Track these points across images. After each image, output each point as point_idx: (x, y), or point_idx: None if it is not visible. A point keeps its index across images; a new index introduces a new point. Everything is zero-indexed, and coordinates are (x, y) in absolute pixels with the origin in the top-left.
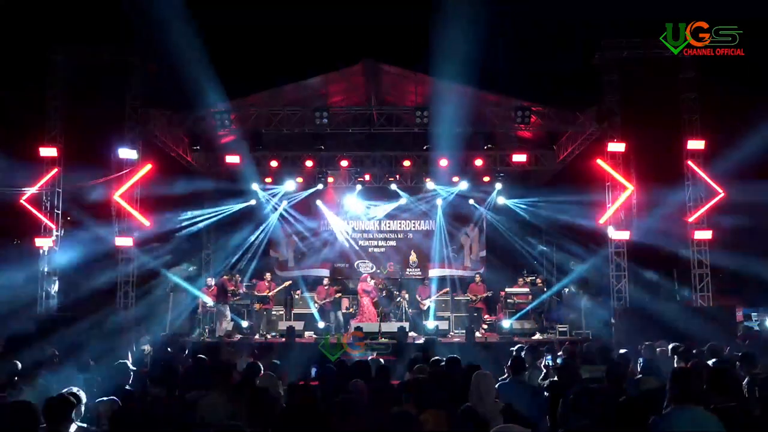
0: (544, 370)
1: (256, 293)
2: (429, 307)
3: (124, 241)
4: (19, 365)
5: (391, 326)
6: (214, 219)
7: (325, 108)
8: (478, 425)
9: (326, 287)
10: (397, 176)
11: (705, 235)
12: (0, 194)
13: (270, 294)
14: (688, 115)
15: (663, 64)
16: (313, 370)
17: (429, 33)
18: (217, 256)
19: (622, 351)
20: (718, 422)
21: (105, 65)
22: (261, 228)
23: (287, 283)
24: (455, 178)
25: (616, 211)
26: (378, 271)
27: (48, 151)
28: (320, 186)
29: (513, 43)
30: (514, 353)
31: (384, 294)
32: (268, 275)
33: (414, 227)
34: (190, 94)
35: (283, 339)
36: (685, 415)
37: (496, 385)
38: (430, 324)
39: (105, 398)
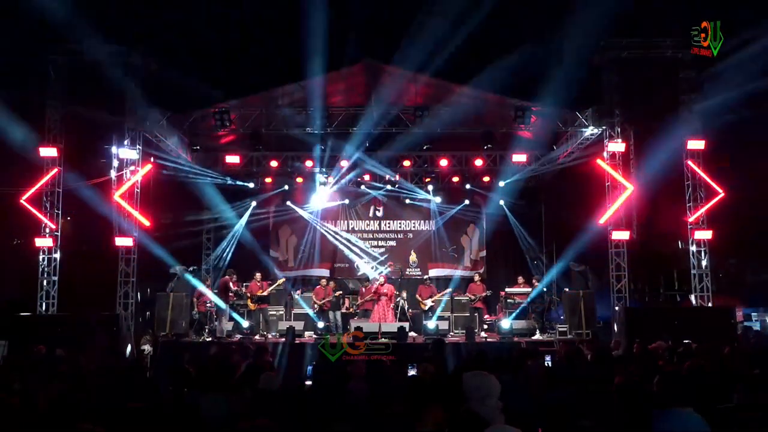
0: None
1: (248, 293)
2: (430, 307)
3: (124, 241)
4: None
5: (391, 326)
6: (215, 218)
7: (325, 108)
8: (478, 427)
9: (324, 287)
10: (398, 176)
11: (705, 235)
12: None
13: (265, 293)
14: (688, 115)
15: (663, 64)
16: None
17: (429, 33)
18: (216, 255)
19: None
20: (705, 423)
21: (105, 65)
22: (260, 228)
23: (281, 281)
24: (455, 178)
25: (616, 211)
26: (378, 271)
27: (48, 151)
28: (320, 186)
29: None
30: (515, 353)
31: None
32: (258, 275)
33: (414, 227)
34: (190, 93)
35: (283, 339)
36: (673, 417)
37: (498, 387)
38: (431, 324)
39: None
